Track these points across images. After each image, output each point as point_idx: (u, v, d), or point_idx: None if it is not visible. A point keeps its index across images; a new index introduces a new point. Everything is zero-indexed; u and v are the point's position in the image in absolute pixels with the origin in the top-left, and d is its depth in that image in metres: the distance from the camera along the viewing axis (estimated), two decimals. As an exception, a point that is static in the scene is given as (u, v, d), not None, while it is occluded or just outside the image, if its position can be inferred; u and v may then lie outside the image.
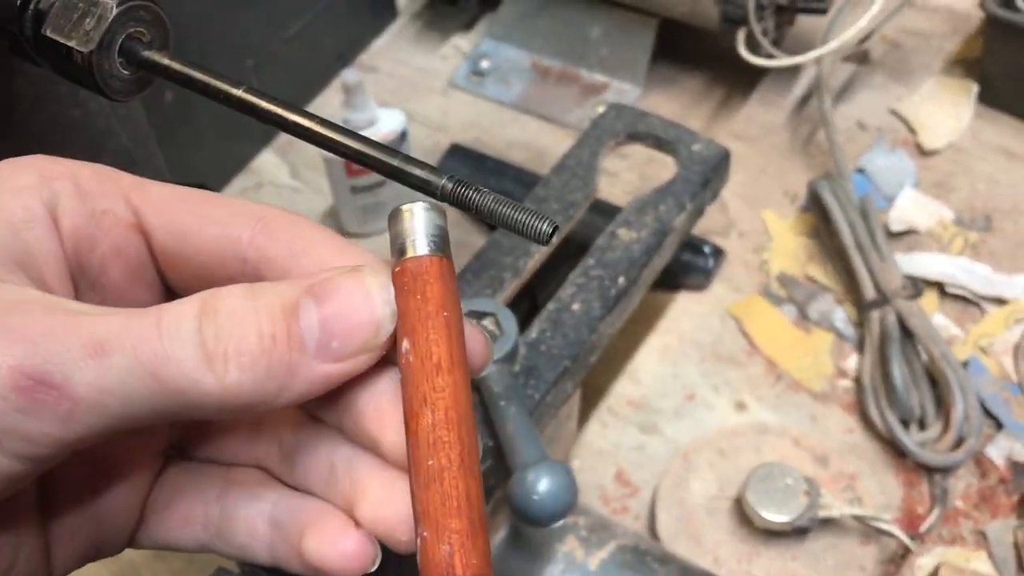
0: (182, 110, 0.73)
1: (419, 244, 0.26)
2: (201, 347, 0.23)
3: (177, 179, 0.68)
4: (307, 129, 0.32)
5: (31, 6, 0.36)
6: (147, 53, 0.35)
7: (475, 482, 0.25)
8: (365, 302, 0.24)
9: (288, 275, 0.27)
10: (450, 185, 0.29)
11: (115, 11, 0.35)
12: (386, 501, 0.26)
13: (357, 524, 0.27)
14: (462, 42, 0.94)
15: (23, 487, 0.24)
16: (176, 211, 0.28)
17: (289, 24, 0.83)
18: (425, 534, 0.24)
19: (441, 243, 0.26)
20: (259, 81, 0.81)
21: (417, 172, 0.29)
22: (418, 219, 0.26)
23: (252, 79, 0.81)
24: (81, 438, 0.23)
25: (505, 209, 0.28)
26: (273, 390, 0.23)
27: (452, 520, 0.24)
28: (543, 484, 0.41)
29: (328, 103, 0.90)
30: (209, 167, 0.81)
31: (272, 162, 0.86)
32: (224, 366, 0.23)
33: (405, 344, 0.25)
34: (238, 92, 0.33)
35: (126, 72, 0.36)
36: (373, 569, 0.27)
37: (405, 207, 0.26)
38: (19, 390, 0.22)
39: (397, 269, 0.26)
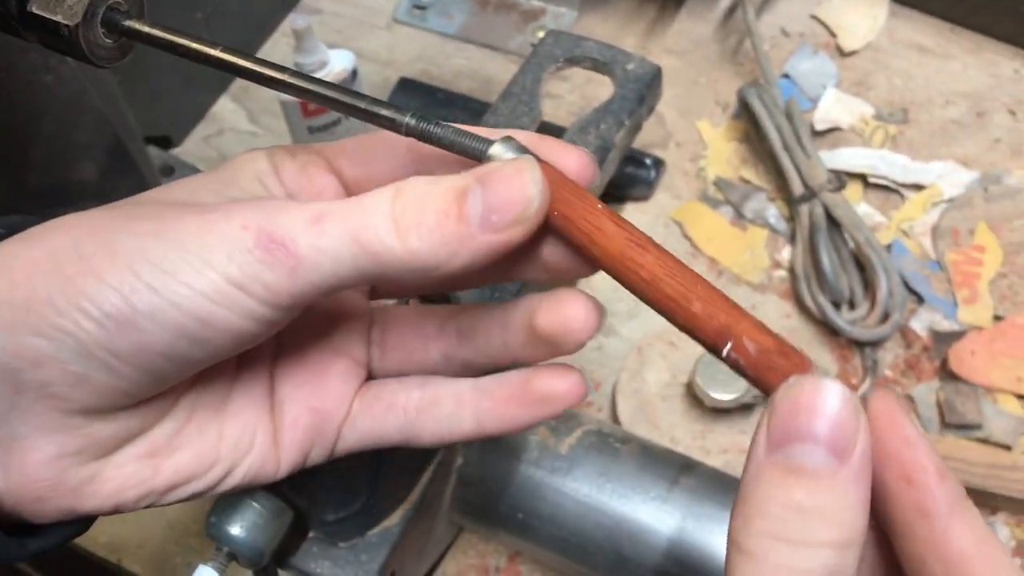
0: (141, 68, 0.76)
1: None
2: (392, 219, 0.30)
3: (145, 133, 0.71)
4: (280, 81, 0.36)
5: (15, -15, 0.40)
6: (128, 22, 0.39)
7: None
8: (518, 182, 0.30)
9: (439, 157, 0.34)
10: (412, 121, 0.34)
11: (95, -15, 0.38)
12: (562, 301, 0.34)
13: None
14: (401, -23, 0.97)
15: (264, 338, 0.32)
16: (352, 149, 0.37)
17: (234, -27, 0.86)
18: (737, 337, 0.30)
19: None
20: (210, 32, 0.83)
21: (384, 112, 0.34)
22: (505, 146, 0.32)
23: (204, 30, 0.83)
24: (304, 292, 0.30)
25: (462, 139, 0.33)
26: (445, 255, 0.30)
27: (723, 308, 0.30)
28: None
29: (276, 47, 0.93)
30: (172, 119, 0.84)
31: (230, 108, 0.89)
32: (408, 234, 0.30)
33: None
34: (215, 52, 0.37)
35: (109, 41, 0.40)
36: (587, 399, 0.34)
37: (492, 148, 0.32)
38: (260, 246, 0.29)
39: None
